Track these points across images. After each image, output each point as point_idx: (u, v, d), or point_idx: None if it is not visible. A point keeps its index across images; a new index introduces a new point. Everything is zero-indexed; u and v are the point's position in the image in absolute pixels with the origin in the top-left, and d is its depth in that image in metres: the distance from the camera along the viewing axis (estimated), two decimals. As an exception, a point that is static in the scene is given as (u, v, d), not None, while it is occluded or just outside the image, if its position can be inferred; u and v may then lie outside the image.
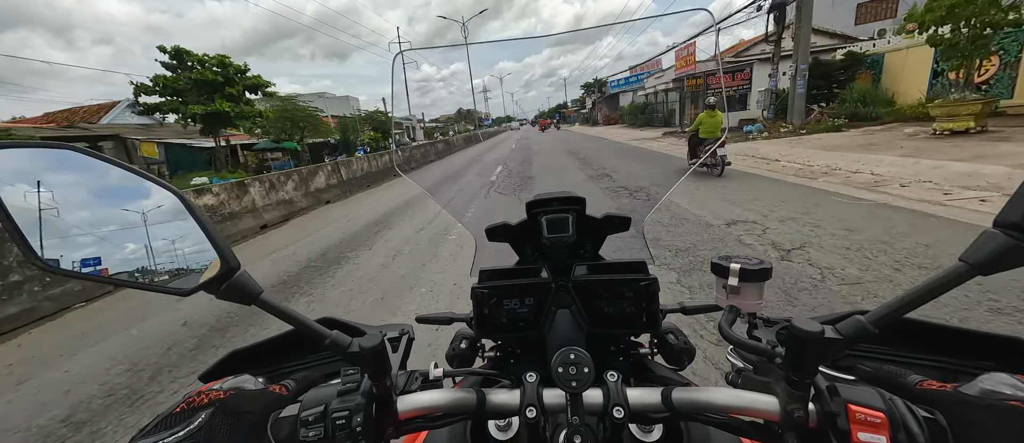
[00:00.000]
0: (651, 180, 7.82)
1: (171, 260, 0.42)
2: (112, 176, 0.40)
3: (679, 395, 0.47)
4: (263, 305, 0.43)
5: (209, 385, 0.47)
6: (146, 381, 2.78)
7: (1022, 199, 0.31)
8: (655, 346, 0.75)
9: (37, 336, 3.91)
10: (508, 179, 9.37)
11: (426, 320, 0.85)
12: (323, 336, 0.45)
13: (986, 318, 2.37)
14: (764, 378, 0.49)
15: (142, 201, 0.41)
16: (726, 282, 0.56)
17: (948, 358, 0.51)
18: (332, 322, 0.65)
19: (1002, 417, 0.34)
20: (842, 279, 3.04)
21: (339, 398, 0.46)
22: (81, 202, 0.38)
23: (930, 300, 0.35)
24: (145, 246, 0.41)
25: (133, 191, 0.41)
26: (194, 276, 0.42)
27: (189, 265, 0.42)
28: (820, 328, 0.39)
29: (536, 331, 0.69)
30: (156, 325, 3.69)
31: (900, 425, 0.37)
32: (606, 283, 0.68)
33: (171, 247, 0.42)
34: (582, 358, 0.48)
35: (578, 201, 0.73)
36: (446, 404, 0.50)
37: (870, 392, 0.40)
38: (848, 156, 8.10)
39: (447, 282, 3.89)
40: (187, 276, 0.42)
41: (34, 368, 3.20)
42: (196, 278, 0.42)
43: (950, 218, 4.13)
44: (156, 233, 0.41)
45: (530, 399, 0.47)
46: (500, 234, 0.79)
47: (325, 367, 0.65)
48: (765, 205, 5.28)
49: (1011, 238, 0.32)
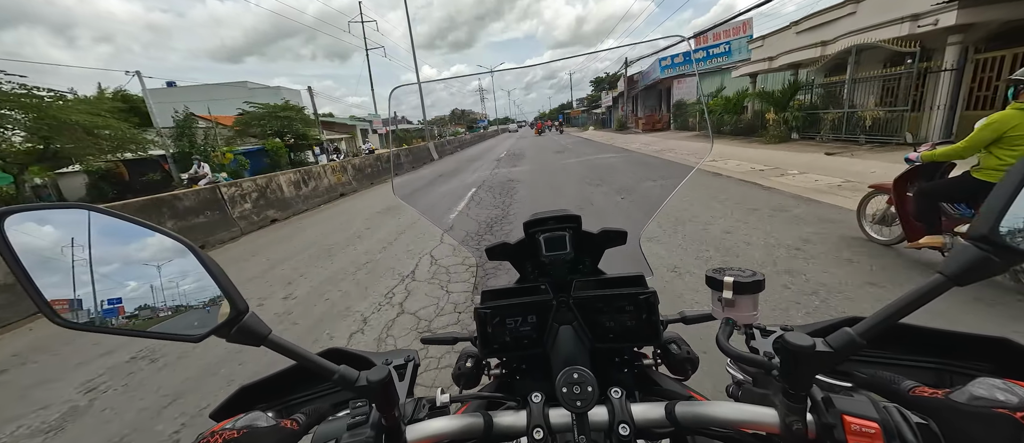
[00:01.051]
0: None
1: (183, 307, 0.43)
2: (125, 231, 0.41)
3: (683, 410, 0.48)
4: (271, 345, 0.44)
5: (222, 425, 0.48)
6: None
7: (990, 214, 0.33)
8: (658, 357, 0.76)
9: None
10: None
11: (431, 341, 0.86)
12: (331, 372, 0.47)
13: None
14: (763, 390, 0.50)
15: (154, 253, 0.43)
16: (721, 295, 0.57)
17: (941, 360, 0.52)
18: (338, 353, 0.66)
19: (991, 424, 0.35)
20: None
21: (349, 432, 0.47)
22: (96, 259, 0.40)
23: (913, 311, 0.37)
24: (157, 297, 0.42)
25: (145, 244, 0.43)
26: (205, 322, 0.43)
27: (199, 310, 0.44)
28: (811, 342, 0.40)
29: (540, 348, 0.70)
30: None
31: (894, 433, 0.39)
32: (606, 298, 0.69)
33: (182, 295, 0.43)
34: (585, 378, 0.49)
35: (574, 219, 0.74)
36: (454, 431, 0.51)
37: (864, 402, 0.41)
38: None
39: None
40: (199, 321, 0.44)
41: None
42: (207, 323, 0.43)
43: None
44: (167, 283, 0.43)
45: (536, 420, 0.48)
46: (500, 253, 0.80)
47: (333, 397, 0.66)
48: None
49: (981, 250, 0.33)
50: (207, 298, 0.44)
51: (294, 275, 4.61)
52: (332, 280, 4.26)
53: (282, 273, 4.75)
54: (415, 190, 7.67)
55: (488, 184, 8.00)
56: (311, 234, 6.70)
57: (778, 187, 6.13)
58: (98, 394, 2.66)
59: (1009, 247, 0.33)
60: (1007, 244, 0.33)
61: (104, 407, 2.52)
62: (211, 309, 0.44)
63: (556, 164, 10.43)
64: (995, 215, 0.33)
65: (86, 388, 2.74)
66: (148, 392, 2.61)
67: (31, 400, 2.69)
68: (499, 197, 6.69)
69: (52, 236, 0.38)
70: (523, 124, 57.63)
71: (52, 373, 3.05)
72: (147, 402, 2.50)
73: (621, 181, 7.55)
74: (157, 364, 2.95)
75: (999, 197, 0.33)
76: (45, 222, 0.38)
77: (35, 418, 2.47)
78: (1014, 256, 0.33)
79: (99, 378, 2.85)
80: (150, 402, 2.50)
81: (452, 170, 12.28)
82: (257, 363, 2.74)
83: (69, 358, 3.21)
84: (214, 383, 2.60)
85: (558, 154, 13.53)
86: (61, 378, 2.94)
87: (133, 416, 2.39)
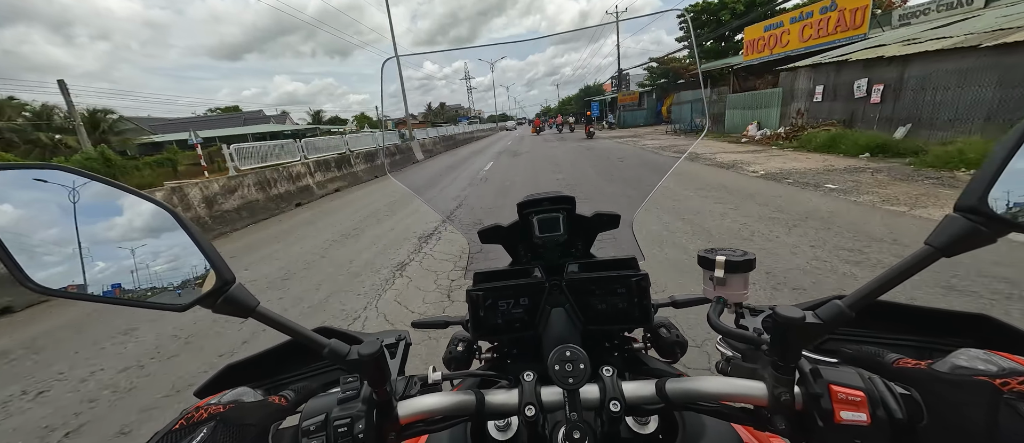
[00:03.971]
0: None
1: (165, 275, 0.42)
2: (100, 193, 0.40)
3: (672, 386, 0.48)
4: (259, 317, 0.43)
5: (207, 400, 0.47)
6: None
7: (978, 185, 0.34)
8: (648, 340, 0.77)
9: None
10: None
11: (422, 324, 0.86)
12: (321, 345, 0.46)
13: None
14: (752, 365, 0.50)
15: (133, 217, 0.41)
16: (713, 274, 0.58)
17: (923, 336, 0.54)
18: (329, 331, 0.65)
19: (971, 392, 0.36)
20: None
21: (340, 406, 0.47)
22: (71, 221, 0.38)
23: (900, 282, 0.38)
24: (140, 264, 0.41)
25: (123, 207, 0.41)
26: (189, 291, 0.42)
27: (183, 279, 0.42)
28: (801, 314, 0.41)
29: (532, 330, 0.70)
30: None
31: (879, 402, 0.39)
32: (598, 280, 0.69)
33: (164, 262, 0.42)
34: (578, 355, 0.49)
35: (568, 200, 0.74)
36: (446, 407, 0.51)
37: (850, 373, 0.42)
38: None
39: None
40: (182, 291, 0.42)
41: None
42: (191, 293, 0.42)
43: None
44: (149, 248, 0.41)
45: (528, 398, 0.48)
46: (492, 236, 0.80)
47: (323, 376, 0.65)
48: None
49: (970, 221, 0.34)
50: (192, 267, 0.42)
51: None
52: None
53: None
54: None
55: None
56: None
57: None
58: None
59: (998, 217, 0.33)
60: (996, 214, 0.33)
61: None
62: (196, 278, 0.42)
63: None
64: (984, 186, 0.34)
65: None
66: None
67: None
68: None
69: (29, 197, 0.36)
70: (522, 121, 45.54)
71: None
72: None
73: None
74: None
75: (988, 168, 0.34)
76: (21, 182, 0.36)
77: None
78: (1003, 226, 0.33)
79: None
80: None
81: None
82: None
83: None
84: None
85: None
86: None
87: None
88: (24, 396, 2.74)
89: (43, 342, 3.59)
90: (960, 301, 2.75)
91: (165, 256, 0.42)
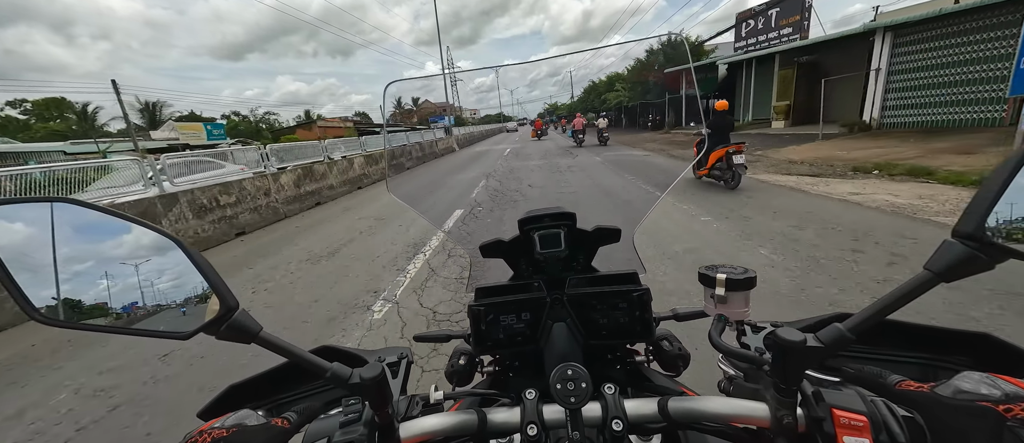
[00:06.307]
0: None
1: (169, 304, 0.42)
2: (108, 226, 0.40)
3: (675, 405, 0.48)
4: (263, 342, 0.43)
5: (210, 423, 0.47)
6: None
7: (975, 210, 0.34)
8: (651, 353, 0.77)
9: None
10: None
11: (424, 339, 0.86)
12: (324, 369, 0.46)
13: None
14: (754, 385, 0.50)
15: (138, 247, 0.41)
16: (714, 292, 0.58)
17: (926, 355, 0.54)
18: (330, 351, 0.65)
19: (975, 417, 0.36)
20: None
21: (342, 430, 0.47)
22: (78, 254, 0.38)
23: (901, 307, 0.38)
24: (143, 293, 0.41)
25: (128, 237, 0.41)
26: (194, 318, 0.42)
27: (188, 307, 0.43)
28: (802, 337, 0.41)
29: (533, 345, 0.70)
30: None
31: (882, 427, 0.39)
32: (599, 295, 0.69)
33: (169, 291, 0.42)
34: (579, 374, 0.49)
35: (569, 216, 0.75)
36: (448, 428, 0.51)
37: (853, 395, 0.42)
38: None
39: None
40: (187, 318, 0.42)
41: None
42: (196, 320, 0.42)
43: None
44: (154, 279, 0.42)
45: (530, 416, 0.48)
46: (494, 250, 0.80)
47: (325, 396, 0.65)
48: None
49: (967, 247, 0.34)
50: (195, 294, 0.42)
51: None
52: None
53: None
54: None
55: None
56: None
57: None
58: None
59: (995, 244, 0.33)
60: (993, 241, 0.34)
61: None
62: (200, 305, 0.42)
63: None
64: (981, 212, 0.34)
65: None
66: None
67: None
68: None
69: (33, 230, 0.37)
70: (524, 121, 42.91)
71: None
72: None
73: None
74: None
75: (985, 194, 0.34)
76: (25, 216, 0.37)
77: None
78: (1000, 253, 0.34)
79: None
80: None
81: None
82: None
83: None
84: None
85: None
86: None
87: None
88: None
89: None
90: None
91: (169, 284, 0.42)
